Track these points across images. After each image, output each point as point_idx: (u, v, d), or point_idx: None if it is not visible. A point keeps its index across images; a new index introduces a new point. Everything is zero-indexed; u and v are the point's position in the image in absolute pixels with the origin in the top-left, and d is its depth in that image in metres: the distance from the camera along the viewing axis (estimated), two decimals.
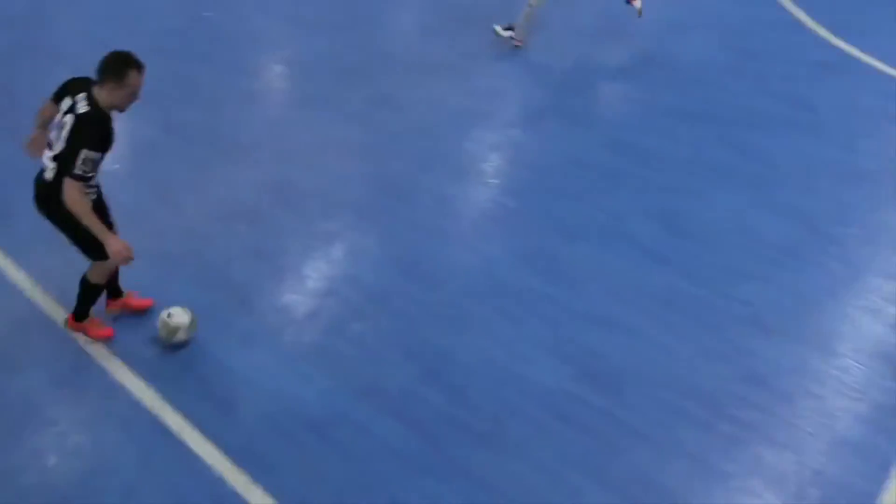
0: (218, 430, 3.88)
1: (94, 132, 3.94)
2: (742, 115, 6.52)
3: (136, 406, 4.03)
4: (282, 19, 8.17)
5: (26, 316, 4.60)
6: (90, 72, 3.99)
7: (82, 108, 3.98)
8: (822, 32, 7.63)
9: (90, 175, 3.94)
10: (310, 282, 4.97)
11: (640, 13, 7.25)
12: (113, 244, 3.93)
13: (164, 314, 4.44)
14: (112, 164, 6.29)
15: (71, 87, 4.15)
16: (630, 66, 7.32)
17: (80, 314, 4.54)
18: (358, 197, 5.73)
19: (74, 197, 3.88)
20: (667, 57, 7.31)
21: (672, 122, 6.41)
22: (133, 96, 4.04)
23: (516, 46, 7.42)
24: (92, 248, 4.16)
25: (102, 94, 3.97)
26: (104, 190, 4.41)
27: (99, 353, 4.34)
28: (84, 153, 3.87)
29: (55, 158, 4.05)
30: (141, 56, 4.55)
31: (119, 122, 6.58)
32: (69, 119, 4.00)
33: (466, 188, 5.81)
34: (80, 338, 4.42)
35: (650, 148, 6.15)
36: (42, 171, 4.13)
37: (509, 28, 7.45)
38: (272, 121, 6.69)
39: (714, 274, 4.95)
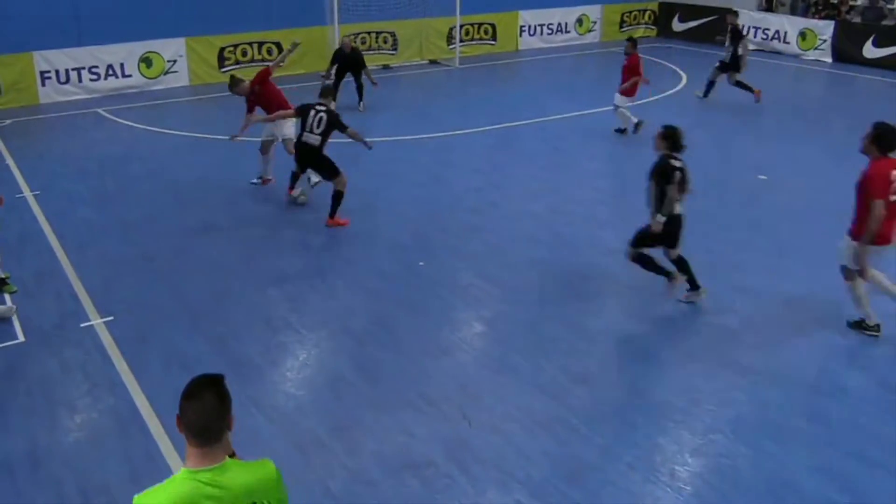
0: None
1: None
2: None
3: None
4: (486, 280, 8.75)
5: None
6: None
7: (324, 108, 10.19)
8: None
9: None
10: None
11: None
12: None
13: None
14: (297, 389, 6.79)
15: (310, 104, 10.36)
16: (857, 386, 7.02)
17: (333, 213, 10.14)
18: (535, 475, 5.73)
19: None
20: None
21: None
22: None
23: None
24: (332, 173, 10.23)
25: (330, 104, 10.38)
26: None
27: None
28: (342, 118, 10.45)
29: (320, 134, 10.08)
30: (354, 294, 5.04)
31: (312, 350, 7.21)
32: (323, 114, 10.10)
33: (654, 490, 5.63)
34: None
35: (873, 484, 5.72)
36: (306, 142, 10.16)
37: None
38: (463, 378, 6.99)
39: None
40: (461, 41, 21.21)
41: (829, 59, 21.51)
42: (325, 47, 19.02)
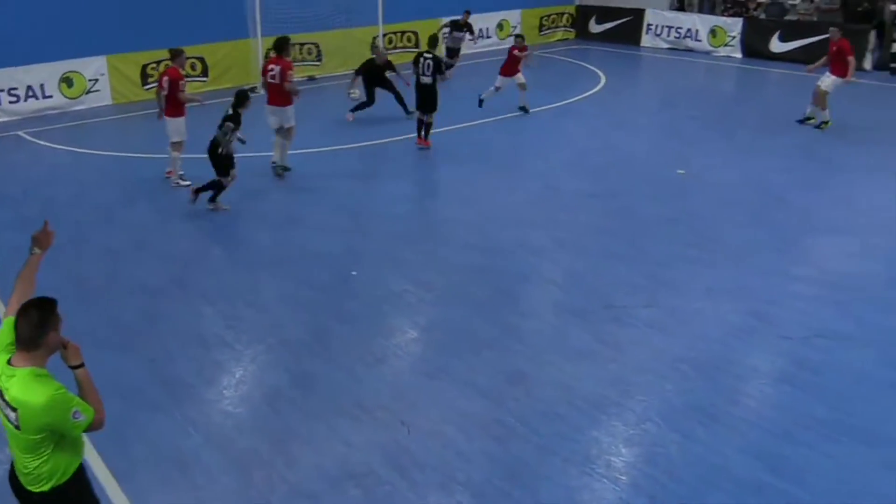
0: None
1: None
2: None
3: None
4: (419, 286, 8.75)
5: None
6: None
7: (431, 55, 13.46)
8: None
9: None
10: None
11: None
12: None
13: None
14: (235, 406, 6.67)
15: (419, 52, 13.97)
16: (771, 367, 7.23)
17: (426, 136, 13.83)
18: (476, 476, 5.74)
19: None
20: (815, 363, 7.18)
21: (823, 436, 6.16)
22: None
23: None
24: (434, 106, 13.65)
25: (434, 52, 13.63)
26: None
27: None
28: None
29: (431, 75, 13.43)
30: (288, 307, 4.95)
31: (247, 365, 7.07)
32: (430, 60, 13.35)
33: (591, 482, 5.69)
34: None
35: (799, 462, 5.88)
36: (424, 83, 13.51)
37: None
38: (399, 385, 6.96)
39: None
40: (385, 50, 21.15)
41: (738, 55, 22.11)
42: (249, 61, 18.77)
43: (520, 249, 9.75)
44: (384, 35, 20.94)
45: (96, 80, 17.57)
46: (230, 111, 10.85)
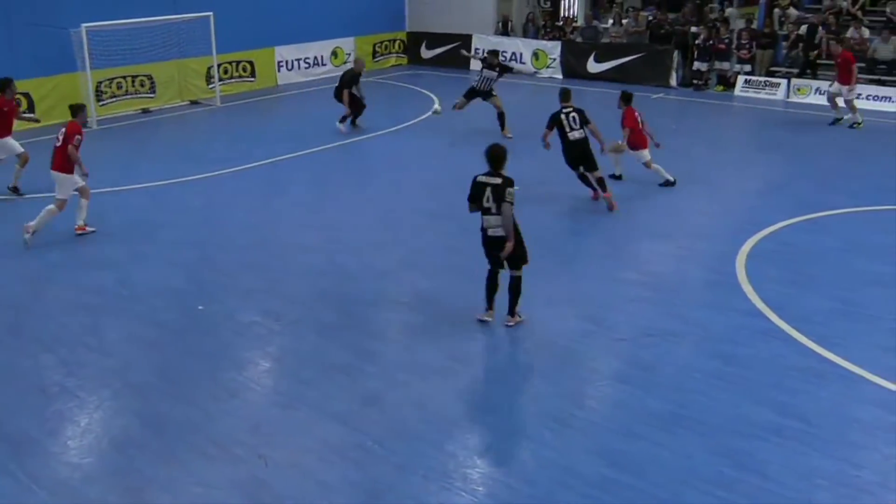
0: None
1: None
2: (730, 423, 6.56)
3: None
4: (267, 316, 8.52)
5: None
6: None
7: (570, 108, 11.52)
8: (808, 342, 7.90)
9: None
10: None
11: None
12: None
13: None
14: (82, 457, 6.20)
15: (557, 111, 11.34)
16: (609, 369, 7.52)
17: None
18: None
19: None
20: (647, 361, 7.53)
21: (660, 428, 6.46)
22: None
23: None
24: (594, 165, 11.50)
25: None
26: None
27: None
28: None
29: (580, 128, 11.46)
30: (133, 348, 4.63)
31: (93, 413, 6.64)
32: (574, 113, 11.36)
33: (450, 497, 5.70)
34: None
35: (639, 456, 6.13)
36: (575, 138, 11.36)
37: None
38: (254, 418, 6.73)
39: None
40: (220, 80, 20.58)
41: (560, 76, 23.06)
42: (77, 95, 17.76)
43: (366, 272, 9.68)
44: (219, 65, 20.37)
45: None
46: (496, 177, 7.93)
